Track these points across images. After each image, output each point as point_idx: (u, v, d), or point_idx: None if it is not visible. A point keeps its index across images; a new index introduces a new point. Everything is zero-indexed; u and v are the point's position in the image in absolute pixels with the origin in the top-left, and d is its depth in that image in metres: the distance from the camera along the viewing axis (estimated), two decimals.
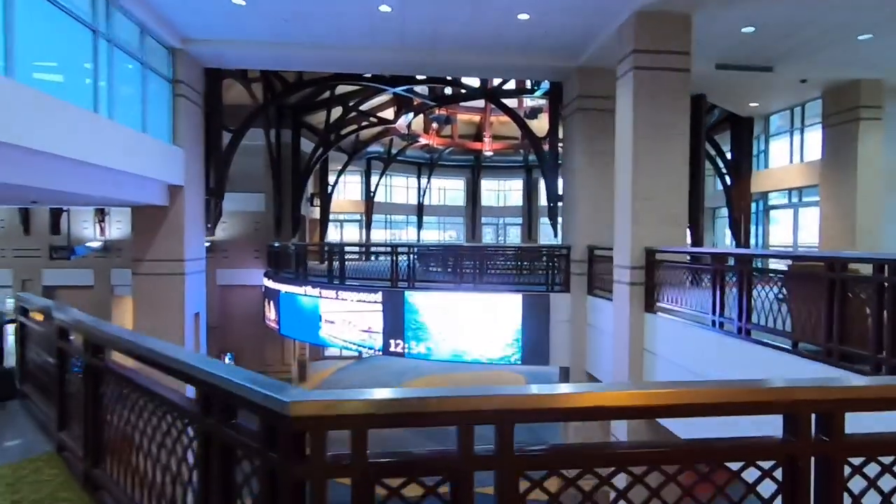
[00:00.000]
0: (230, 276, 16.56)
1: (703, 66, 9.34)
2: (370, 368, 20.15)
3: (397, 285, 10.13)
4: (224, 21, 7.73)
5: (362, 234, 23.70)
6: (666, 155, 7.02)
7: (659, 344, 6.74)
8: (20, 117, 5.00)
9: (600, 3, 7.07)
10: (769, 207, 13.61)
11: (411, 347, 9.90)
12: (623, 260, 7.28)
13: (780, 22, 7.69)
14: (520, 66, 9.24)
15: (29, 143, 5.16)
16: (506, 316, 9.42)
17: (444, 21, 7.68)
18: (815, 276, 4.18)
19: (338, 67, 9.67)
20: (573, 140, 9.45)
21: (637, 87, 6.93)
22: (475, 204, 26.22)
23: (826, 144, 10.56)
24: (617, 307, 7.50)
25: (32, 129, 5.23)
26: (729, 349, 5.23)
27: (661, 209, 7.05)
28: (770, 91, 11.00)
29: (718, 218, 18.12)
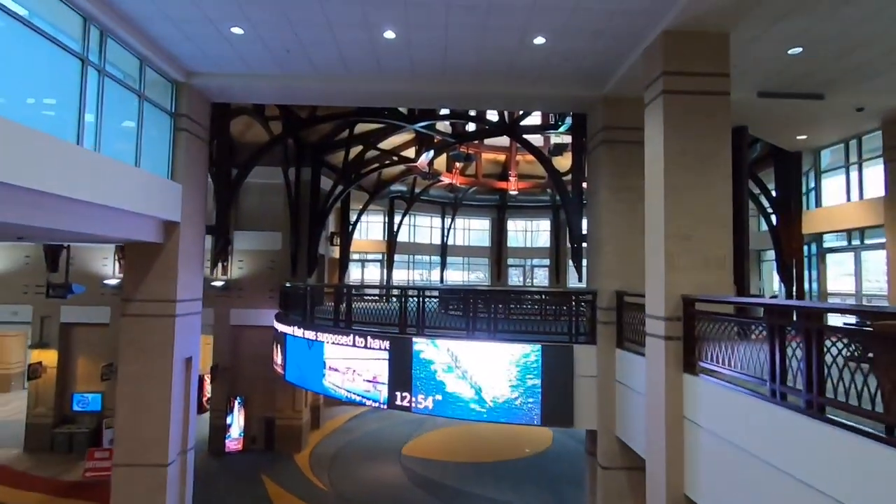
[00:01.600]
0: (244, 316, 16.13)
1: (743, 95, 8.52)
2: (387, 416, 19.04)
3: (405, 331, 9.29)
4: (226, 53, 7.46)
5: (384, 275, 23.14)
6: (705, 188, 6.09)
7: (702, 413, 5.59)
8: None
9: (623, 25, 6.40)
10: (824, 250, 12.22)
11: (419, 401, 8.92)
12: (656, 309, 6.25)
13: (833, 41, 6.81)
14: (538, 96, 8.59)
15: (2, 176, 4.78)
16: (523, 369, 8.38)
17: (453, 48, 7.16)
18: None
19: (346, 100, 9.29)
20: (598, 175, 8.62)
21: (668, 113, 6.11)
22: (501, 245, 25.40)
23: (890, 181, 9.35)
24: (650, 364, 6.40)
25: (6, 161, 4.84)
26: (795, 429, 4.10)
27: (700, 250, 6.07)
28: (821, 122, 9.96)
29: (765, 262, 16.68)
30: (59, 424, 15.87)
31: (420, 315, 9.21)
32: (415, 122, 12.80)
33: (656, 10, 6.02)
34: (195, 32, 6.89)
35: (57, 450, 15.47)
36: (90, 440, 15.34)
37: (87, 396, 15.92)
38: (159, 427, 7.83)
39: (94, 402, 15.83)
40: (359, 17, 6.38)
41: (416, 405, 8.94)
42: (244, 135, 15.09)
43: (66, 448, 15.46)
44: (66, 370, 16.21)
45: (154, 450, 7.86)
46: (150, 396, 7.87)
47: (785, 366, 4.29)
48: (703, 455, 5.52)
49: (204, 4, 6.18)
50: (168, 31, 6.86)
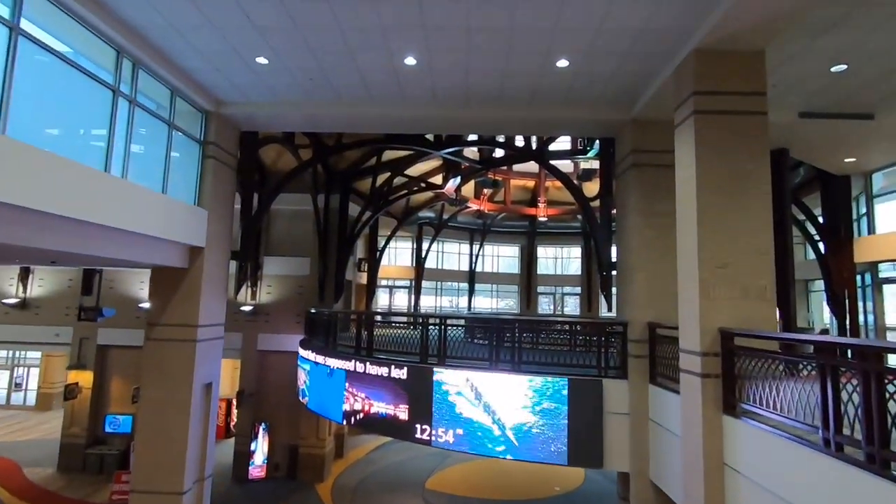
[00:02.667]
0: (270, 341, 16.19)
1: (783, 116, 8.08)
2: (410, 448, 18.51)
3: (427, 361, 9.01)
4: (253, 83, 7.62)
5: (412, 301, 22.98)
6: (743, 212, 5.68)
7: (744, 460, 5.04)
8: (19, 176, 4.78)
9: (650, 44, 6.17)
10: (881, 281, 11.30)
11: (439, 435, 8.55)
12: (691, 343, 5.79)
13: (882, 56, 6.37)
14: (564, 120, 8.39)
15: (31, 202, 4.93)
16: (549, 403, 7.93)
17: (474, 72, 7.08)
18: None
19: (370, 126, 9.33)
20: (627, 200, 8.27)
21: (700, 135, 5.78)
22: (530, 272, 24.91)
23: None
24: (686, 404, 5.89)
25: (36, 189, 5.00)
26: (852, 484, 3.58)
27: (739, 279, 5.62)
28: (870, 143, 9.32)
29: (812, 292, 15.65)
30: (91, 445, 16.14)
31: (442, 344, 8.92)
32: (441, 148, 12.78)
33: (685, 28, 5.78)
34: (223, 64, 7.07)
35: (89, 470, 15.69)
36: (119, 462, 15.50)
37: (119, 418, 16.19)
38: (176, 454, 7.75)
39: (125, 425, 16.05)
40: (379, 43, 6.39)
41: (437, 439, 8.58)
42: (276, 163, 15.45)
43: (97, 469, 15.66)
44: (101, 391, 16.57)
45: (170, 477, 7.77)
46: (169, 422, 7.83)
47: (839, 412, 3.80)
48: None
49: (231, 37, 6.33)
50: (197, 63, 7.06)
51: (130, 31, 6.26)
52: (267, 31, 6.18)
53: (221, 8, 5.70)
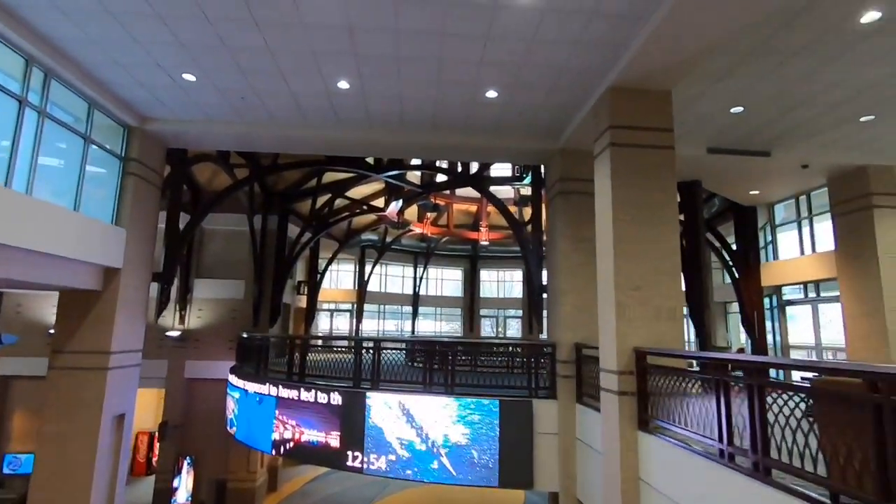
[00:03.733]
0: (199, 368, 15.31)
1: (694, 150, 8.78)
2: (348, 478, 17.90)
3: (360, 385, 8.85)
4: (181, 99, 7.41)
5: (353, 325, 22.56)
6: (654, 238, 6.08)
7: (656, 474, 5.29)
8: None
9: (572, 80, 6.59)
10: (784, 303, 12.36)
11: (371, 462, 8.35)
12: (609, 363, 6.06)
13: (773, 101, 7.12)
14: (497, 148, 8.71)
15: None
16: (481, 426, 7.98)
17: (408, 99, 7.25)
18: (853, 397, 2.99)
19: (306, 148, 9.26)
20: (556, 226, 8.63)
21: (615, 165, 6.19)
22: (473, 295, 25.20)
23: (838, 235, 9.60)
24: (605, 421, 6.13)
25: None
26: (743, 493, 3.84)
27: (652, 301, 5.97)
28: (771, 178, 10.31)
29: (730, 314, 16.78)
30: None
31: (375, 368, 8.80)
32: (382, 171, 12.86)
33: (601, 68, 6.22)
34: (146, 79, 6.84)
35: None
36: None
37: (20, 458, 14.61)
38: (79, 495, 7.09)
39: (27, 464, 14.49)
40: (311, 67, 6.43)
41: (369, 466, 8.37)
42: (211, 182, 14.93)
43: None
44: (0, 428, 14.96)
45: None
46: (73, 460, 7.18)
47: (731, 424, 4.10)
48: None
49: (154, 51, 6.16)
50: (118, 76, 6.80)
51: (43, 40, 5.96)
52: (193, 49, 6.07)
53: (143, 23, 5.56)
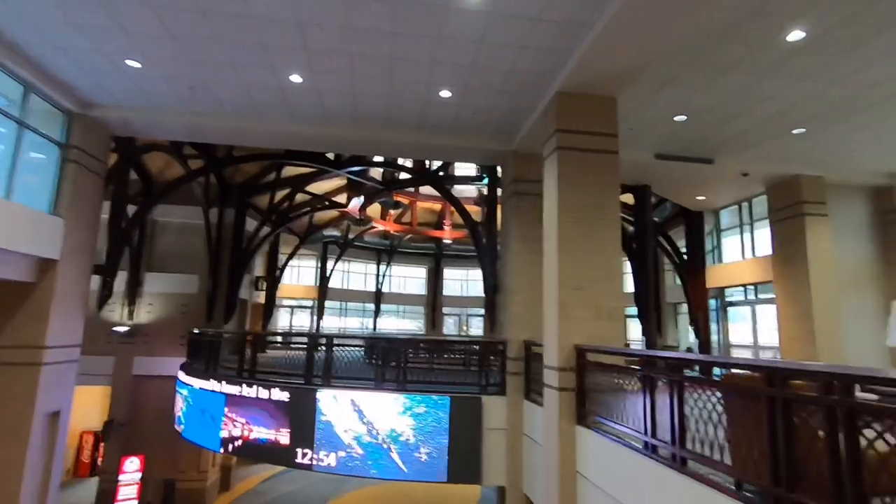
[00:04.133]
0: (148, 365, 14.82)
1: (642, 156, 9.10)
2: (305, 476, 17.70)
3: (311, 382, 8.78)
4: (126, 86, 7.16)
5: (314, 322, 22.28)
6: (597, 240, 6.29)
7: (592, 467, 5.49)
8: None
9: (522, 84, 6.73)
10: (727, 304, 12.96)
11: (321, 459, 8.31)
12: (552, 360, 6.24)
13: (712, 111, 7.46)
14: (453, 147, 8.79)
15: None
16: (431, 422, 8.06)
17: (362, 95, 7.24)
18: (754, 391, 3.20)
19: (259, 141, 9.11)
20: (510, 226, 8.80)
21: (561, 168, 6.37)
22: (436, 293, 25.30)
23: (775, 240, 10.15)
24: (547, 417, 6.31)
25: None
26: (664, 482, 4.05)
27: (593, 301, 6.17)
28: (715, 184, 10.79)
29: (681, 314, 17.44)
30: None
31: (327, 365, 8.75)
32: (342, 167, 12.76)
33: (549, 73, 6.38)
34: (88, 64, 6.59)
35: None
36: None
37: None
38: (6, 496, 6.78)
39: None
40: (262, 60, 6.34)
41: (318, 463, 8.32)
42: (164, 172, 14.44)
43: None
44: None
45: None
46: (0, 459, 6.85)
47: (655, 418, 4.30)
48: None
49: (94, 35, 5.94)
50: (57, 59, 6.52)
51: None
52: (136, 36, 5.88)
53: (81, 4, 5.35)
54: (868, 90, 6.57)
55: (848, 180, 9.76)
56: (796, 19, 5.21)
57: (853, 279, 9.84)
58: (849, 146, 8.40)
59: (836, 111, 7.15)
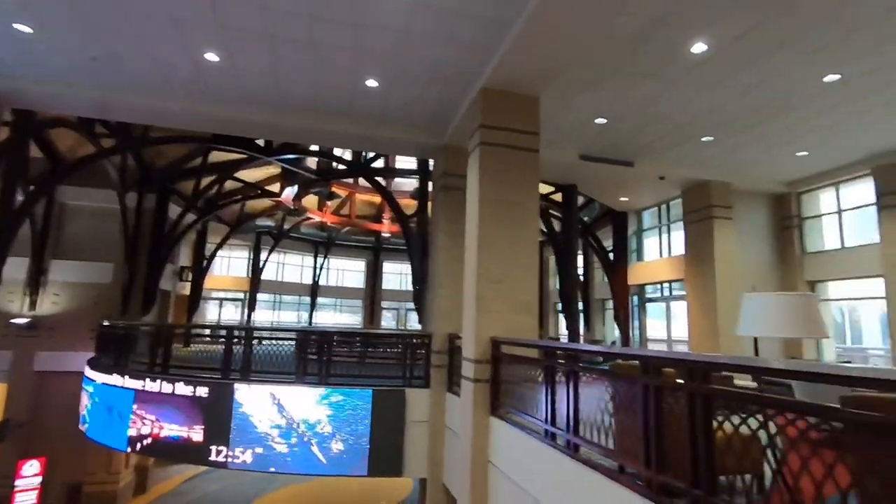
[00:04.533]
0: (53, 360, 13.68)
1: (568, 156, 9.39)
2: (231, 475, 17.03)
3: (229, 376, 8.44)
4: (16, 53, 6.51)
5: (244, 315, 21.43)
6: (515, 235, 6.42)
7: (502, 456, 5.63)
8: None
9: (449, 78, 6.74)
10: (646, 300, 13.72)
11: (236, 456, 8.01)
12: (469, 352, 6.33)
13: (630, 116, 7.82)
14: (384, 138, 8.68)
15: None
16: (354, 415, 7.97)
17: (286, 80, 6.99)
18: (632, 379, 3.39)
19: (176, 122, 8.59)
20: (438, 220, 8.83)
21: (483, 163, 6.45)
22: (375, 287, 25.05)
23: (687, 241, 10.84)
24: (463, 408, 6.41)
25: None
26: (561, 468, 4.21)
27: (511, 295, 6.31)
28: (636, 186, 11.35)
29: (608, 310, 18.27)
30: None
31: (246, 358, 8.44)
32: (273, 154, 12.30)
33: (475, 68, 6.43)
34: None
35: None
36: None
37: None
38: None
39: None
40: (173, 35, 5.96)
41: (234, 460, 8.02)
42: (75, 150, 13.31)
43: None
44: None
45: None
46: None
47: (555, 407, 4.47)
48: (501, 501, 5.50)
49: None
50: None
51: None
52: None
53: None
54: (765, 104, 7.13)
55: (752, 187, 10.58)
56: (699, 33, 5.55)
57: (754, 278, 10.68)
58: (751, 156, 9.09)
59: (738, 122, 7.71)
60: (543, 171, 10.94)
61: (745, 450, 2.59)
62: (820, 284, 10.63)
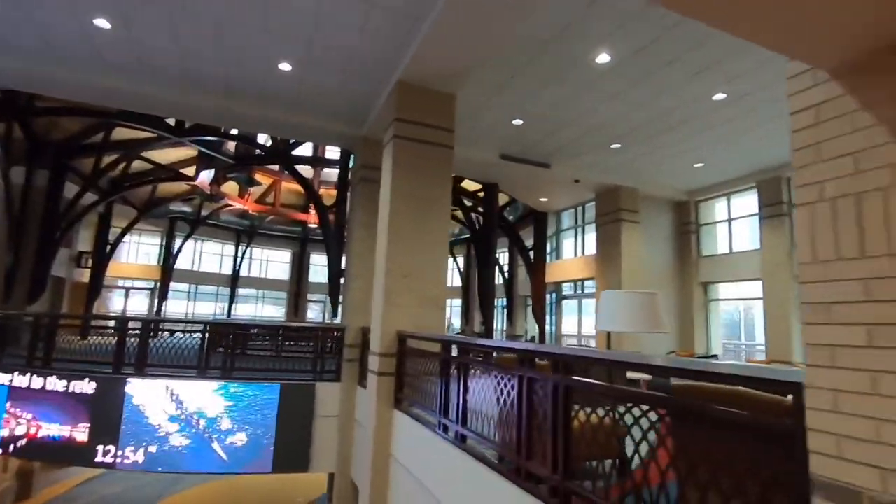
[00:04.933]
0: None
1: (488, 155, 9.58)
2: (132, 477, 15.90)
3: (121, 371, 7.85)
4: None
5: (155, 305, 20.03)
6: (426, 230, 6.46)
7: (403, 449, 5.67)
8: None
9: (366, 68, 6.64)
10: (562, 297, 14.36)
11: (126, 456, 7.48)
12: (376, 346, 6.30)
13: (543, 119, 8.09)
14: (302, 125, 8.42)
15: None
16: (259, 410, 7.70)
17: (191, 57, 6.57)
18: (510, 371, 3.52)
19: (68, 93, 7.82)
20: (355, 212, 8.71)
21: (397, 157, 6.42)
22: (301, 279, 24.31)
23: (599, 242, 11.45)
24: (368, 401, 6.38)
25: None
26: (450, 458, 4.31)
27: (419, 289, 6.35)
28: (554, 188, 11.81)
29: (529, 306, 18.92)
30: None
31: (141, 351, 7.88)
32: (185, 134, 11.54)
33: (390, 60, 6.37)
34: None
35: None
36: None
37: None
38: None
39: None
40: None
41: (123, 460, 7.49)
42: None
43: None
44: None
45: None
46: None
47: (448, 399, 4.55)
48: (401, 494, 5.54)
49: None
50: None
51: None
52: None
53: None
54: (664, 116, 7.65)
55: (657, 194, 11.35)
56: (601, 43, 5.84)
57: (657, 278, 11.49)
58: (655, 165, 9.75)
59: (642, 132, 8.23)
60: (467, 169, 11.15)
61: (608, 438, 2.77)
62: (712, 285, 11.64)
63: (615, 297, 3.69)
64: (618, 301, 3.58)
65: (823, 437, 1.37)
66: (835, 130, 1.41)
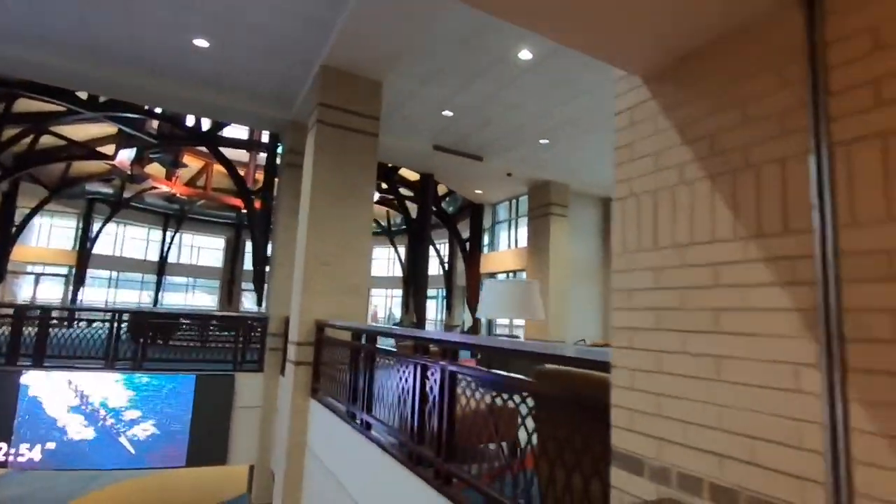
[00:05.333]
0: None
1: (422, 145, 9.58)
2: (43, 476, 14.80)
3: (16, 363, 7.27)
4: None
5: (69, 293, 18.64)
6: (349, 217, 6.40)
7: (317, 438, 5.65)
8: None
9: (289, 50, 6.44)
10: None
11: (20, 454, 6.97)
12: (294, 334, 6.20)
13: (473, 112, 8.19)
14: (225, 107, 8.05)
15: None
16: (173, 402, 7.39)
17: (98, 27, 6.11)
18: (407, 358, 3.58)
19: None
20: (281, 198, 8.50)
21: (319, 142, 6.30)
22: (235, 266, 23.39)
23: (530, 234, 11.78)
24: (285, 391, 6.29)
25: None
26: (357, 445, 4.34)
27: (339, 277, 6.29)
28: (488, 181, 12.01)
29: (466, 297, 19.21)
30: None
31: (39, 341, 7.34)
32: (98, 109, 10.75)
33: (314, 44, 6.21)
34: None
35: None
36: None
37: None
38: None
39: None
40: None
41: (17, 458, 6.97)
42: None
43: None
44: None
45: None
46: None
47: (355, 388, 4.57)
48: (315, 484, 5.52)
49: None
50: None
51: None
52: None
53: None
54: (582, 115, 7.93)
55: (585, 190, 11.80)
56: (521, 41, 5.98)
57: (583, 272, 11.99)
58: (580, 161, 10.12)
59: (566, 129, 8.51)
60: (403, 159, 11.11)
61: (510, 422, 2.86)
62: None
63: (494, 286, 3.83)
64: (496, 290, 3.73)
65: (622, 411, 1.51)
66: (643, 132, 1.54)
